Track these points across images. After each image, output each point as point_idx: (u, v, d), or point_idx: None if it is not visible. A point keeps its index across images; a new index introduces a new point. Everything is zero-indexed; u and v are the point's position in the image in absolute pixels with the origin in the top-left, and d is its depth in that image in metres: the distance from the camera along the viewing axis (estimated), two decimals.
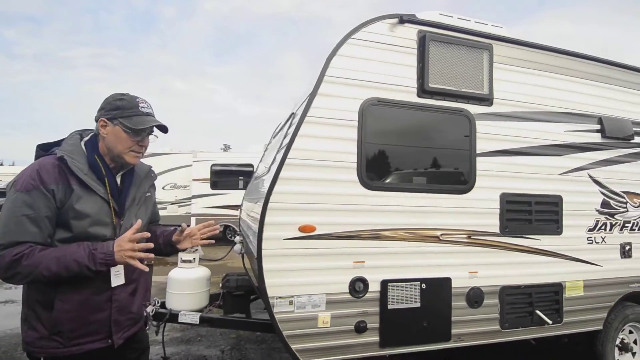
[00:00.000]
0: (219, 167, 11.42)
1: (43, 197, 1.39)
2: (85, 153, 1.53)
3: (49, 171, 1.43)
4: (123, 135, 1.53)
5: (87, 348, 1.48)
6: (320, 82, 2.32)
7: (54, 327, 1.43)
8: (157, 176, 1.94)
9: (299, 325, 2.23)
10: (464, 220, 2.55)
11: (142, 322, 1.77)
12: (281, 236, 2.22)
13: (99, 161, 1.54)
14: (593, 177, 2.97)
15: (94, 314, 1.49)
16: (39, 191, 1.39)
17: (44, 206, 1.38)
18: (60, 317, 1.43)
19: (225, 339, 4.11)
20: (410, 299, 2.40)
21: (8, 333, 4.23)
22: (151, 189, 1.80)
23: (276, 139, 3.69)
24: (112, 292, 1.53)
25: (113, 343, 1.55)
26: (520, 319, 2.66)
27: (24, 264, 1.33)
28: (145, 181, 1.74)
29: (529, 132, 2.76)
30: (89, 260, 1.38)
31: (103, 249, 1.41)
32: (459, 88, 2.58)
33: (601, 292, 2.94)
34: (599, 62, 3.04)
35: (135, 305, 1.66)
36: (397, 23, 2.48)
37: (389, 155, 2.55)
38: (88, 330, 1.48)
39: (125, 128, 1.53)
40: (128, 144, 1.54)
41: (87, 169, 1.49)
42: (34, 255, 1.34)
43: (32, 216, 1.37)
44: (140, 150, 1.58)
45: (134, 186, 1.66)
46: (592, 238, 2.95)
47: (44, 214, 1.39)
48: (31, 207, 1.37)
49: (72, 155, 1.47)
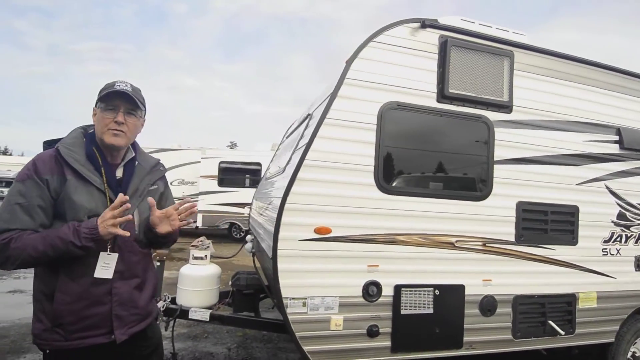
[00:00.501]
0: (226, 165, 11.46)
1: (36, 187, 1.40)
2: (84, 145, 1.54)
3: (45, 162, 1.44)
4: (99, 114, 1.52)
5: (89, 342, 1.45)
6: (340, 84, 2.31)
7: (55, 319, 1.42)
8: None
9: (312, 326, 2.23)
10: (480, 228, 2.53)
11: (152, 319, 1.70)
12: (297, 237, 2.22)
13: (97, 152, 1.53)
14: (610, 188, 2.94)
15: (93, 307, 1.46)
16: (33, 180, 1.40)
17: (36, 195, 1.40)
18: (60, 309, 1.41)
19: (232, 337, 4.12)
20: (423, 304, 2.39)
21: (17, 323, 4.27)
22: (159, 182, 1.74)
23: (290, 139, 3.69)
24: (112, 285, 1.49)
25: (115, 338, 1.50)
26: (532, 329, 2.64)
27: (12, 246, 1.34)
28: (152, 174, 1.70)
29: (547, 140, 2.74)
30: (73, 236, 1.36)
31: (87, 224, 1.40)
32: (478, 94, 2.57)
33: (614, 304, 2.91)
34: (619, 72, 3.01)
35: (142, 301, 1.60)
36: (418, 27, 2.47)
37: (407, 159, 2.55)
38: (88, 324, 1.45)
39: (98, 106, 1.52)
40: (104, 122, 1.51)
41: (84, 160, 1.49)
42: (22, 238, 1.35)
43: (24, 205, 1.39)
44: (117, 127, 1.50)
45: (136, 178, 1.62)
46: (607, 249, 2.92)
47: (36, 203, 1.39)
48: (24, 195, 1.39)
49: (70, 147, 1.48)
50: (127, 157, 1.62)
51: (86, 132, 1.59)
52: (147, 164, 1.69)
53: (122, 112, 1.52)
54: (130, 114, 1.55)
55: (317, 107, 2.79)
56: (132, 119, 1.55)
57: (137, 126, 1.60)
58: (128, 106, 1.53)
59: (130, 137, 1.58)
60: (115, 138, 1.51)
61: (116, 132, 1.50)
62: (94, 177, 1.48)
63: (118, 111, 1.51)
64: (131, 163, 1.63)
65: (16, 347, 3.63)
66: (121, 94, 1.50)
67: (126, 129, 1.53)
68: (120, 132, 1.51)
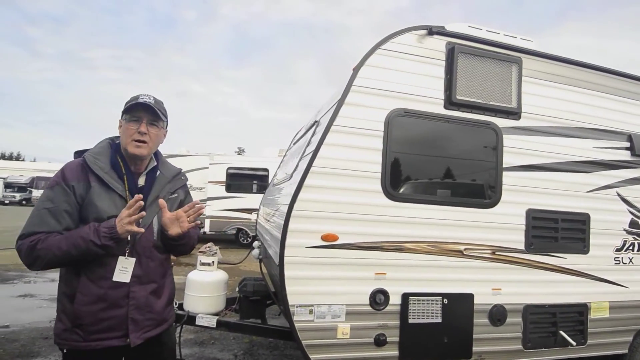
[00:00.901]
0: (234, 170, 11.52)
1: (63, 192, 1.50)
2: (109, 154, 1.63)
3: (72, 169, 1.54)
4: (124, 125, 1.61)
5: (105, 344, 1.51)
6: (347, 92, 2.32)
7: (75, 319, 1.48)
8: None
9: (319, 335, 2.21)
10: (489, 235, 2.51)
11: (167, 325, 1.74)
12: (304, 244, 2.21)
13: (120, 161, 1.62)
14: (622, 195, 2.89)
15: (111, 310, 1.51)
16: (60, 187, 1.51)
17: (63, 201, 1.49)
18: (80, 310, 1.48)
19: (239, 343, 4.11)
20: (431, 313, 2.36)
21: (27, 327, 4.31)
22: (180, 190, 1.80)
23: (297, 146, 3.70)
24: (130, 289, 1.54)
25: (130, 342, 1.54)
26: (543, 339, 2.59)
27: (39, 247, 1.43)
28: (173, 183, 1.76)
29: (557, 147, 2.71)
30: (93, 235, 1.44)
31: (106, 224, 1.48)
32: (486, 101, 2.55)
33: (627, 314, 2.85)
34: (629, 78, 2.98)
35: (158, 307, 1.65)
36: (425, 34, 2.48)
37: (414, 166, 2.54)
38: (105, 326, 1.51)
39: (123, 117, 1.62)
40: (128, 132, 1.59)
41: (108, 168, 1.57)
42: (47, 240, 1.44)
43: (52, 209, 1.48)
44: (140, 138, 1.58)
45: (157, 186, 1.69)
46: (619, 258, 2.87)
47: (63, 208, 1.49)
48: (52, 201, 1.49)
49: (95, 156, 1.58)
50: (149, 166, 1.70)
51: (113, 143, 1.69)
52: (168, 173, 1.77)
53: (145, 123, 1.60)
54: (152, 125, 1.63)
55: (324, 114, 2.80)
56: (154, 130, 1.63)
57: (159, 136, 1.68)
58: (150, 117, 1.62)
59: (153, 146, 1.65)
60: (138, 149, 1.60)
61: (139, 144, 1.59)
62: (117, 184, 1.57)
63: (141, 122, 1.60)
64: (153, 172, 1.71)
65: (26, 351, 3.66)
66: (144, 106, 1.59)
67: (148, 139, 1.61)
68: (143, 142, 1.60)
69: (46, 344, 3.84)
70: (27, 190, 29.24)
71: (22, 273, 7.05)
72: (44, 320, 4.52)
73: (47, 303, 5.30)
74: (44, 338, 4.00)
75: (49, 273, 7.15)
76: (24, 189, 29.57)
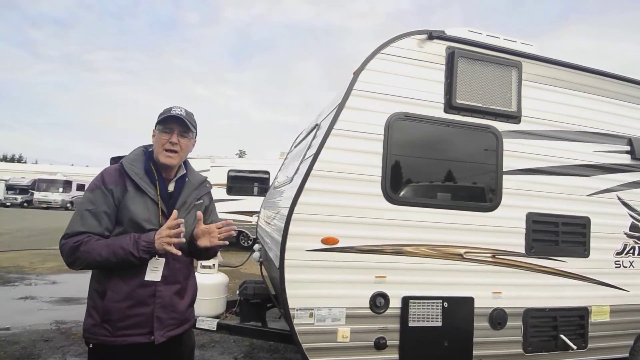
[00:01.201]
0: (235, 173, 11.53)
1: (103, 195, 1.61)
2: (143, 161, 1.75)
3: (111, 174, 1.67)
4: (157, 135, 1.72)
5: (131, 341, 1.59)
6: (348, 95, 2.33)
7: (104, 315, 1.58)
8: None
9: (319, 338, 2.22)
10: (489, 239, 2.51)
11: (189, 326, 1.82)
12: (304, 247, 2.22)
13: (153, 168, 1.74)
14: (622, 199, 2.89)
15: (138, 308, 1.60)
16: (100, 190, 1.62)
17: (103, 203, 1.61)
18: (110, 306, 1.58)
19: (239, 346, 4.11)
20: (431, 317, 2.36)
21: (27, 329, 4.31)
22: (205, 197, 1.90)
23: (298, 149, 3.71)
24: (156, 288, 1.64)
25: (154, 339, 1.62)
26: (544, 343, 2.59)
27: (82, 249, 1.53)
28: (199, 189, 1.87)
29: (557, 151, 2.72)
30: (133, 247, 1.54)
31: (146, 237, 1.57)
32: (486, 105, 2.57)
33: (628, 318, 2.85)
34: (629, 82, 2.99)
35: (181, 307, 1.74)
36: (426, 39, 2.49)
37: (414, 170, 2.54)
38: (132, 323, 1.59)
39: (157, 128, 1.73)
40: (161, 142, 1.70)
41: (142, 174, 1.69)
42: (89, 243, 1.54)
43: (93, 210, 1.60)
44: (171, 148, 1.69)
45: (185, 192, 1.80)
46: (619, 262, 2.87)
47: (102, 210, 1.60)
48: (93, 203, 1.61)
49: (131, 162, 1.71)
50: (178, 174, 1.82)
51: (146, 150, 1.81)
52: (195, 180, 1.88)
53: (176, 134, 1.71)
54: (183, 136, 1.73)
55: (325, 117, 2.81)
56: (184, 140, 1.74)
57: (189, 146, 1.79)
58: (181, 129, 1.72)
59: (182, 155, 1.77)
60: (169, 159, 1.71)
61: (169, 154, 1.70)
62: (150, 189, 1.68)
63: (173, 133, 1.71)
64: (182, 179, 1.82)
65: (26, 354, 3.66)
66: (176, 118, 1.70)
67: (179, 148, 1.72)
68: (174, 152, 1.71)
69: (47, 347, 3.85)
70: (29, 193, 29.29)
71: (23, 275, 7.07)
72: (45, 323, 4.53)
73: (47, 305, 5.31)
74: (44, 340, 4.00)
75: (49, 276, 7.17)
76: (26, 191, 29.63)
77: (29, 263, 8.15)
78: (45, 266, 7.97)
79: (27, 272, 7.40)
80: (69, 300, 5.61)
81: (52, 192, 27.69)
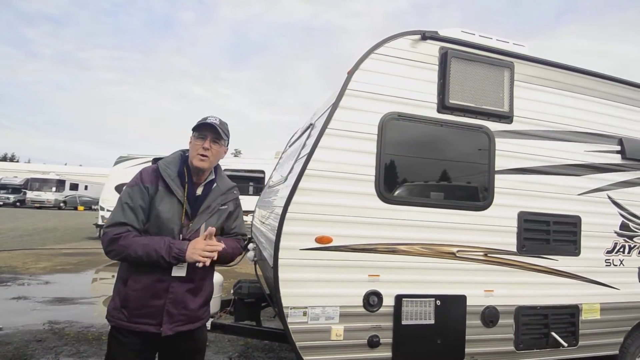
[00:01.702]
0: (230, 173, 11.49)
1: (140, 191, 1.78)
2: (178, 164, 1.89)
3: (148, 174, 1.83)
4: (193, 141, 1.88)
5: (142, 329, 1.73)
6: (342, 95, 2.34)
7: (124, 301, 1.74)
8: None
9: (312, 336, 2.23)
10: (481, 238, 2.53)
11: (200, 324, 1.90)
12: (298, 246, 2.23)
13: (185, 171, 1.87)
14: (612, 198, 2.93)
15: (152, 299, 1.73)
16: (138, 186, 1.79)
17: (140, 198, 1.77)
18: (129, 293, 1.73)
19: (234, 346, 4.11)
20: (424, 315, 2.38)
21: (20, 329, 4.28)
22: (230, 203, 1.98)
23: (293, 149, 3.72)
24: (170, 283, 1.75)
25: (162, 331, 1.72)
26: (535, 341, 2.62)
27: (120, 243, 1.69)
28: (226, 195, 1.97)
29: (548, 150, 2.75)
30: (165, 252, 1.68)
31: (179, 245, 1.71)
32: (479, 105, 2.59)
33: (618, 315, 2.89)
34: (620, 82, 3.03)
35: (193, 305, 1.83)
36: (419, 39, 2.51)
37: (408, 169, 2.56)
38: (145, 312, 1.73)
39: (193, 134, 1.88)
40: (195, 147, 1.85)
41: (175, 176, 1.84)
42: (128, 238, 1.69)
43: (131, 204, 1.76)
44: (204, 153, 1.83)
45: (211, 196, 1.90)
46: (610, 260, 2.91)
47: (139, 204, 1.76)
48: (131, 198, 1.77)
49: (167, 165, 1.86)
50: (208, 179, 1.94)
51: (183, 155, 1.94)
52: (224, 186, 1.98)
53: (209, 140, 1.86)
54: (215, 142, 1.87)
55: (319, 117, 2.82)
56: (216, 146, 1.88)
57: (220, 152, 1.92)
58: (214, 136, 1.87)
59: (214, 160, 1.90)
60: (201, 162, 1.85)
61: (202, 158, 1.84)
62: (178, 190, 1.82)
63: (206, 139, 1.85)
64: (210, 184, 1.94)
65: (19, 354, 3.64)
66: (210, 125, 1.85)
67: (210, 154, 1.86)
68: (206, 157, 1.85)
69: (40, 347, 3.83)
70: (22, 192, 29.01)
71: (16, 275, 7.01)
72: (38, 323, 4.50)
73: (40, 305, 5.27)
74: (37, 341, 3.98)
75: (42, 276, 7.12)
76: (18, 191, 29.35)
77: (21, 263, 8.09)
78: (38, 266, 7.91)
79: (20, 272, 7.34)
80: (62, 300, 5.58)
81: (45, 191, 27.44)
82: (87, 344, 3.96)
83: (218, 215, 1.91)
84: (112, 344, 1.80)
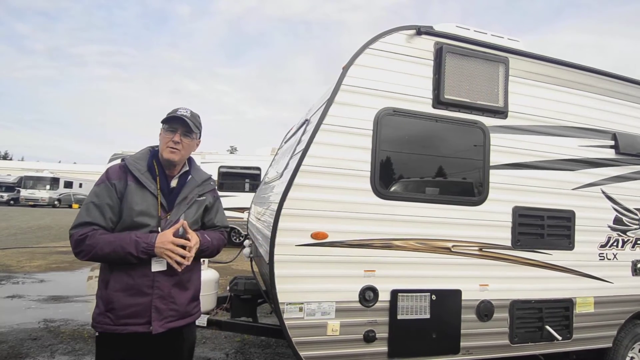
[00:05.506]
0: (226, 169, 11.48)
1: (107, 189, 1.73)
2: (147, 159, 1.85)
3: (115, 171, 1.79)
4: (162, 134, 1.84)
5: (131, 330, 1.66)
6: (336, 91, 2.34)
7: (107, 304, 1.67)
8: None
9: (309, 332, 2.23)
10: (476, 233, 2.54)
11: (190, 320, 1.86)
12: (293, 242, 2.23)
13: (156, 165, 1.84)
14: (606, 193, 2.95)
15: (137, 297, 1.68)
16: (105, 184, 1.74)
17: (106, 196, 1.72)
18: (112, 295, 1.67)
19: (230, 342, 4.11)
20: (420, 309, 2.39)
21: (15, 328, 4.26)
22: (208, 195, 1.96)
23: (288, 145, 3.71)
24: (154, 278, 1.70)
25: (152, 329, 1.67)
26: (530, 334, 2.64)
27: (87, 243, 1.63)
28: (202, 186, 1.94)
29: (543, 146, 2.75)
30: (132, 248, 1.63)
31: (147, 239, 1.66)
32: (474, 100, 2.59)
33: (612, 309, 2.91)
34: (614, 78, 3.04)
35: (182, 299, 1.79)
36: (414, 34, 2.50)
37: (403, 165, 2.56)
38: (132, 312, 1.67)
39: (163, 127, 1.84)
40: (165, 140, 1.81)
41: (144, 170, 1.80)
42: (94, 237, 1.64)
43: (97, 203, 1.71)
44: (174, 146, 1.80)
45: (187, 188, 1.87)
46: (603, 254, 2.93)
47: (105, 202, 1.71)
48: (98, 196, 1.72)
49: (135, 160, 1.82)
50: (182, 171, 1.91)
51: (152, 150, 1.92)
52: (199, 177, 1.95)
53: (179, 133, 1.82)
54: (186, 136, 1.84)
55: (315, 112, 2.81)
56: (187, 140, 1.85)
57: (192, 145, 1.89)
58: (185, 129, 1.83)
59: (184, 154, 1.86)
60: (172, 154, 1.81)
61: (172, 150, 1.81)
62: (150, 183, 1.78)
63: (176, 133, 1.81)
64: (185, 176, 1.91)
65: (14, 352, 3.62)
66: (180, 118, 1.81)
67: (181, 147, 1.82)
68: (176, 149, 1.81)
69: (35, 345, 3.81)
70: (15, 190, 28.76)
71: (10, 274, 6.97)
72: (33, 322, 4.48)
73: (35, 304, 5.25)
74: (32, 339, 3.96)
75: (37, 274, 7.08)
76: (12, 189, 29.09)
77: (16, 261, 8.04)
78: (33, 264, 7.87)
79: (14, 270, 7.29)
80: (57, 298, 5.55)
81: (39, 189, 27.22)
82: (83, 342, 3.95)
83: (197, 206, 1.88)
84: (98, 355, 1.74)
